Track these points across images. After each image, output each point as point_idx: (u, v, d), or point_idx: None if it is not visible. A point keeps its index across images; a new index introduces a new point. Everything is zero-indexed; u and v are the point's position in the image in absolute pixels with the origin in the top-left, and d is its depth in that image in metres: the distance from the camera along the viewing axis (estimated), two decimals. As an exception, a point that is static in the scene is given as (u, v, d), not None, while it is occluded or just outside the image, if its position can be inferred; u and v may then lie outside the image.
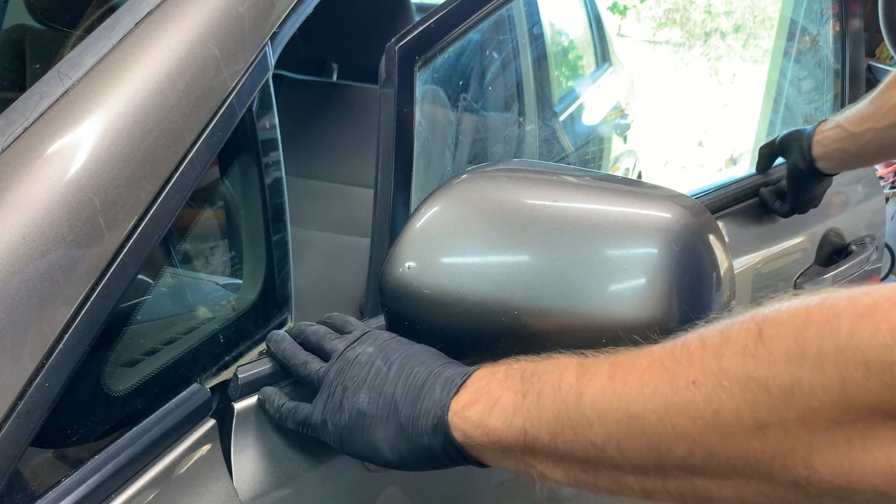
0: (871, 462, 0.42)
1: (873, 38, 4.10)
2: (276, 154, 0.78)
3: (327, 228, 1.62)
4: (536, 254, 0.70)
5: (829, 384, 0.42)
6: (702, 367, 0.48)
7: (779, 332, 0.45)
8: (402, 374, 0.67)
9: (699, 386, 0.48)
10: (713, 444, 0.47)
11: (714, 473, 0.49)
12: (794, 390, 0.43)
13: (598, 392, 0.54)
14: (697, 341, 0.50)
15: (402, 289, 0.73)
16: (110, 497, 0.61)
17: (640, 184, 0.78)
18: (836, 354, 0.42)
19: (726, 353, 0.47)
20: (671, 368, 0.50)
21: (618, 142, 2.85)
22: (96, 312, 0.56)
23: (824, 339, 0.43)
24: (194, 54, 0.63)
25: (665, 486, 0.52)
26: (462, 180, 0.76)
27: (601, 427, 0.53)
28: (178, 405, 0.68)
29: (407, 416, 0.65)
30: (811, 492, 0.45)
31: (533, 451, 0.58)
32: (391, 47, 0.81)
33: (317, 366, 0.72)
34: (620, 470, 0.54)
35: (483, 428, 0.60)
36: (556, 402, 0.56)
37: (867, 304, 0.42)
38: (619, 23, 7.51)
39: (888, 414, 0.41)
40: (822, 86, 1.79)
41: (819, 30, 1.81)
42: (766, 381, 0.45)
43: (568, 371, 0.57)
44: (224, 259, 0.82)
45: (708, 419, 0.47)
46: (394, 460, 0.66)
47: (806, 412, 0.43)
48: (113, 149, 0.58)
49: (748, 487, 0.48)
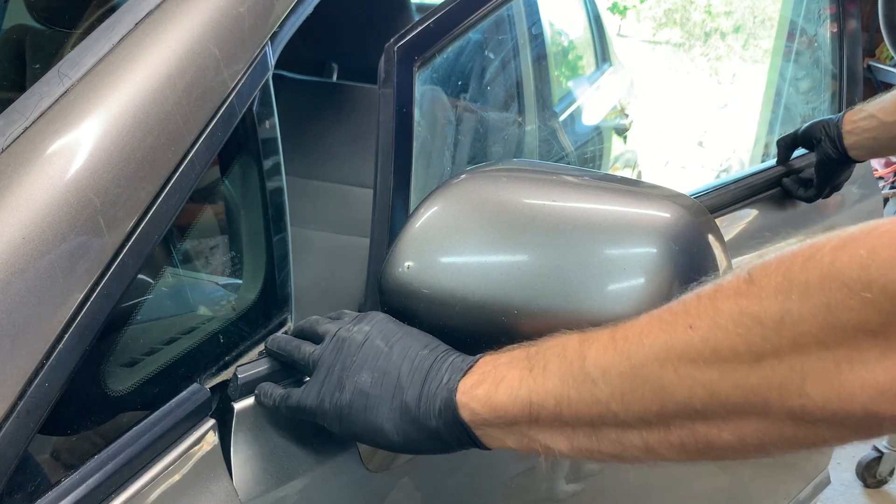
0: (860, 382, 0.44)
1: (873, 38, 4.10)
2: (276, 154, 0.78)
3: (327, 228, 1.62)
4: (536, 253, 0.70)
5: (816, 309, 0.45)
6: (697, 312, 0.51)
7: (767, 273, 0.48)
8: (406, 356, 0.67)
9: (696, 329, 0.50)
10: (713, 381, 0.49)
11: (714, 415, 0.50)
12: (784, 319, 0.46)
13: (600, 352, 0.56)
14: (692, 295, 0.53)
15: (401, 288, 0.73)
16: (110, 497, 0.61)
17: (640, 184, 0.78)
18: (820, 281, 0.45)
19: (719, 297, 0.50)
20: (669, 320, 0.53)
21: (618, 142, 2.85)
22: (96, 312, 0.56)
23: (809, 270, 0.45)
24: (194, 54, 0.63)
25: (667, 437, 0.53)
26: (461, 180, 0.76)
27: (605, 383, 0.55)
28: (178, 405, 0.68)
29: (413, 398, 0.65)
30: (806, 420, 0.47)
31: (538, 421, 0.59)
32: (390, 47, 0.81)
33: (310, 348, 0.72)
34: (624, 427, 0.55)
35: (490, 404, 0.61)
36: (560, 368, 0.58)
37: (844, 237, 0.45)
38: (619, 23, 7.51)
39: (871, 332, 0.43)
40: (820, 86, 1.79)
41: (817, 30, 1.81)
42: (758, 314, 0.47)
43: (571, 341, 0.59)
44: (224, 259, 0.82)
45: (707, 357, 0.49)
46: (398, 441, 0.66)
47: (797, 338, 0.46)
48: (113, 149, 0.58)
49: (747, 426, 0.49)
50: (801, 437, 0.48)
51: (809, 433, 0.47)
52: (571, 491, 1.08)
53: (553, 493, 1.07)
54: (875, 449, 2.60)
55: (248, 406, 0.73)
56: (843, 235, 0.45)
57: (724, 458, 0.53)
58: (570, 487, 1.08)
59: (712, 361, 0.49)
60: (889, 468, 2.60)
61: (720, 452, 0.52)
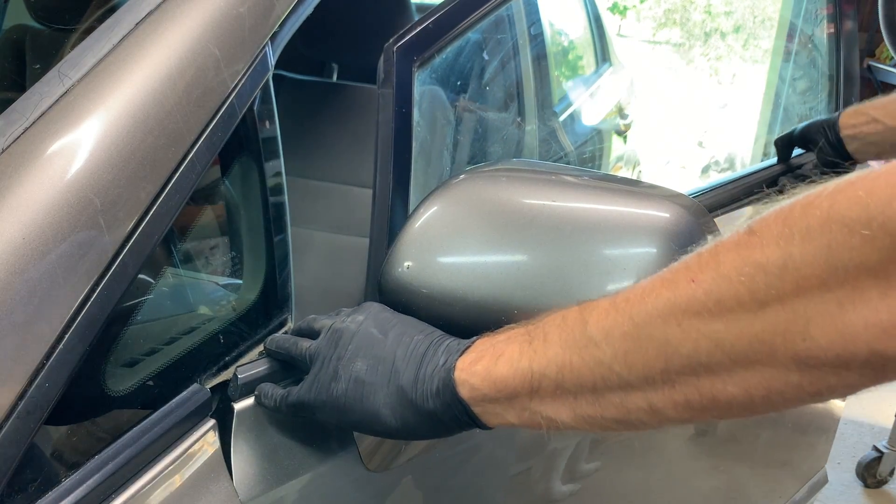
0: (863, 321, 0.44)
1: (873, 38, 4.10)
2: (276, 154, 0.78)
3: (327, 228, 1.62)
4: (535, 253, 0.70)
5: (817, 251, 0.45)
6: (699, 266, 0.51)
7: (767, 223, 0.48)
8: (400, 341, 0.67)
9: (699, 282, 0.50)
10: (718, 332, 0.49)
11: (719, 368, 0.50)
12: (786, 264, 0.46)
13: (601, 315, 0.56)
14: (692, 254, 0.53)
15: (400, 288, 0.73)
16: (110, 497, 0.61)
17: (639, 184, 0.78)
18: (820, 224, 0.45)
19: (721, 251, 0.50)
20: (670, 278, 0.53)
21: (618, 142, 2.85)
22: (96, 312, 0.56)
23: (808, 215, 0.45)
24: (194, 54, 0.63)
25: (672, 396, 0.53)
26: (461, 180, 0.76)
27: (608, 345, 0.55)
28: (178, 405, 0.68)
29: (409, 381, 0.65)
30: (811, 364, 0.46)
31: (539, 392, 0.59)
32: (390, 47, 0.81)
33: (307, 343, 0.72)
34: (627, 389, 0.55)
35: (490, 378, 0.61)
36: (561, 336, 0.58)
37: (842, 183, 0.45)
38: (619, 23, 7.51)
39: (872, 271, 0.43)
40: (817, 86, 1.79)
41: (814, 31, 1.81)
42: (760, 262, 0.47)
43: (571, 311, 0.59)
44: (224, 259, 0.82)
45: (711, 308, 0.49)
46: (396, 426, 0.65)
47: (800, 282, 0.45)
48: (113, 149, 0.58)
49: (753, 377, 0.49)
50: (807, 385, 0.48)
51: (815, 379, 0.47)
52: (569, 491, 1.09)
53: (551, 493, 1.07)
54: (875, 449, 2.60)
55: (248, 406, 0.73)
56: (841, 182, 0.45)
57: (729, 415, 0.52)
58: (568, 487, 1.08)
59: (716, 312, 0.49)
60: (889, 468, 2.60)
61: (725, 408, 0.52)
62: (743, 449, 1.52)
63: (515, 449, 1.01)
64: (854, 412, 2.87)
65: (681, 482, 1.39)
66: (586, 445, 1.12)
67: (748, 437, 1.51)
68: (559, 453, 1.06)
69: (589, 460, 1.12)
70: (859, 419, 2.90)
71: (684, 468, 1.39)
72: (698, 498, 1.46)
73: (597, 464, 1.14)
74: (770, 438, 1.58)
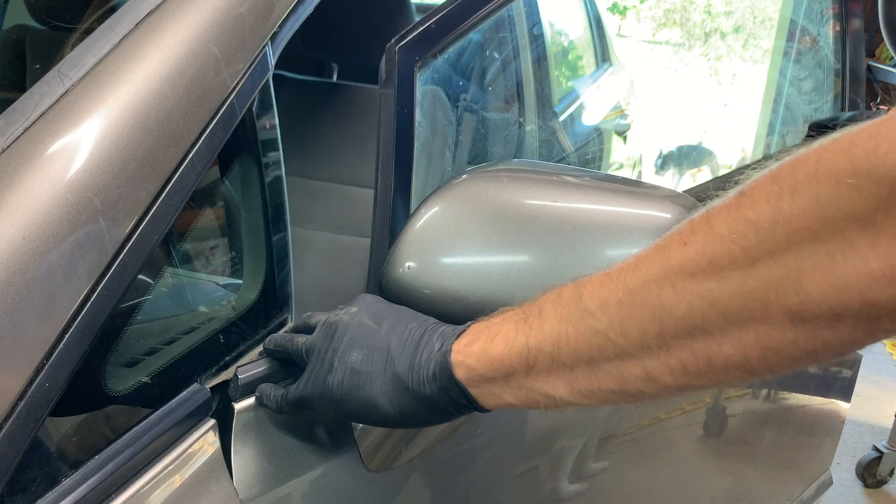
0: (854, 271, 0.44)
1: (873, 38, 4.09)
2: (276, 154, 0.78)
3: (327, 228, 1.62)
4: (536, 254, 0.70)
5: (806, 204, 0.45)
6: (691, 230, 0.51)
7: (756, 184, 0.49)
8: (395, 330, 0.67)
9: (691, 244, 0.51)
10: (712, 291, 0.50)
11: (714, 328, 0.50)
12: (777, 220, 0.46)
13: (596, 286, 0.56)
14: (685, 221, 0.53)
15: (401, 289, 0.73)
16: (110, 497, 0.61)
17: (640, 184, 0.78)
18: (808, 178, 0.45)
19: (712, 214, 0.51)
20: (662, 245, 0.53)
21: (618, 142, 2.85)
22: (96, 312, 0.56)
23: (797, 171, 0.46)
24: (194, 54, 0.63)
25: (668, 361, 0.53)
26: (462, 180, 0.76)
27: (603, 314, 0.55)
28: (178, 405, 0.68)
29: (405, 368, 0.65)
30: (805, 318, 0.47)
31: (535, 368, 0.59)
32: (391, 47, 0.81)
33: (303, 338, 0.72)
34: (623, 357, 0.55)
35: (486, 357, 0.61)
36: (556, 310, 0.58)
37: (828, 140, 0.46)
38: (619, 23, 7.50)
39: (860, 220, 0.43)
40: (823, 86, 1.79)
41: (819, 30, 1.81)
42: (751, 219, 0.48)
43: (565, 287, 0.59)
44: (224, 259, 0.82)
45: (704, 268, 0.50)
46: (393, 413, 0.66)
47: (790, 236, 0.46)
48: (113, 149, 0.58)
49: (748, 336, 0.49)
50: (802, 341, 0.48)
51: (809, 334, 0.47)
52: (575, 491, 1.08)
53: (556, 493, 1.07)
54: (875, 449, 2.60)
55: (249, 406, 0.73)
56: (827, 139, 0.46)
57: (726, 379, 0.52)
58: (574, 487, 1.08)
59: (709, 272, 0.49)
60: (889, 468, 2.60)
61: (722, 371, 0.52)
62: (749, 450, 1.52)
63: (520, 448, 1.01)
64: (854, 412, 2.87)
65: (688, 483, 1.39)
66: (593, 445, 1.12)
67: (754, 439, 1.51)
68: (566, 453, 1.06)
69: (596, 460, 1.12)
70: (859, 419, 2.90)
71: (691, 469, 1.39)
72: (705, 498, 1.46)
73: (604, 463, 1.14)
74: (776, 440, 1.58)
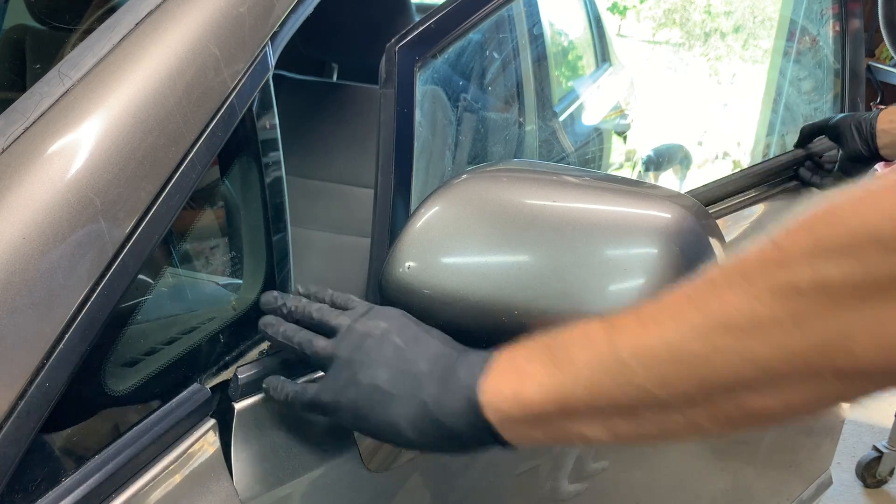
0: None
1: (873, 38, 4.10)
2: (276, 154, 0.78)
3: (327, 228, 1.62)
4: (536, 254, 0.70)
5: (852, 269, 0.45)
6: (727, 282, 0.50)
7: (791, 238, 0.48)
8: (422, 353, 0.66)
9: (729, 301, 0.50)
10: (755, 352, 0.49)
11: (759, 384, 0.50)
12: (820, 284, 0.46)
13: (631, 338, 0.55)
14: (714, 268, 0.53)
15: (402, 289, 0.73)
16: (110, 497, 0.61)
17: (640, 184, 0.78)
18: (850, 241, 0.45)
19: (748, 268, 0.49)
20: (697, 297, 0.52)
21: (618, 142, 2.85)
22: (96, 312, 0.56)
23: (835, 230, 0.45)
24: (194, 54, 0.63)
25: (712, 413, 0.53)
26: (462, 180, 0.76)
27: (642, 369, 0.54)
28: (178, 405, 0.67)
29: (433, 396, 0.64)
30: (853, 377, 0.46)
31: (571, 413, 0.58)
32: (391, 47, 0.81)
33: (323, 342, 0.69)
34: (666, 408, 0.54)
35: (518, 401, 0.60)
36: (590, 359, 0.57)
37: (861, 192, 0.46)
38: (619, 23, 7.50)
39: None
40: (822, 86, 1.79)
41: (819, 30, 1.81)
42: (791, 280, 0.47)
43: (594, 331, 0.58)
44: (224, 259, 0.82)
45: (744, 327, 0.49)
46: (413, 439, 0.65)
47: (836, 301, 0.45)
48: (113, 149, 0.58)
49: (792, 392, 0.49)
50: (847, 393, 0.48)
51: (856, 388, 0.47)
52: (574, 491, 1.08)
53: (556, 493, 1.06)
54: (875, 449, 2.60)
55: (249, 406, 0.73)
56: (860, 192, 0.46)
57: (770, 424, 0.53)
58: (574, 487, 1.08)
59: (750, 331, 0.49)
60: (889, 468, 2.60)
61: (767, 420, 0.52)
62: (749, 450, 1.52)
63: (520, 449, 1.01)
64: (854, 412, 2.87)
65: (688, 483, 1.39)
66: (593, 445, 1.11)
67: (754, 439, 1.51)
68: (565, 452, 1.06)
69: (596, 460, 1.12)
70: (859, 419, 2.90)
71: (691, 469, 1.39)
72: (705, 498, 1.46)
73: (603, 463, 1.14)
74: (775, 439, 1.58)
